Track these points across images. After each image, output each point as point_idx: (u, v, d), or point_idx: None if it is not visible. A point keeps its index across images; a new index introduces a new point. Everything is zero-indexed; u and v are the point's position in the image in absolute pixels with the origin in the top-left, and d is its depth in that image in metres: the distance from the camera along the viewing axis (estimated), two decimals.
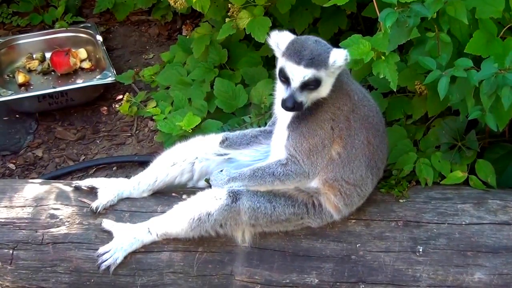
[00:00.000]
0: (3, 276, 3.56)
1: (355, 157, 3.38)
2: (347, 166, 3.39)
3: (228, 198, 3.35)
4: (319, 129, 3.32)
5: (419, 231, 3.54)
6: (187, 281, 3.55)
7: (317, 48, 3.21)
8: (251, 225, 3.43)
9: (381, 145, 3.48)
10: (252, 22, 4.29)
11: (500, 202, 3.64)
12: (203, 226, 3.38)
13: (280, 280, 3.52)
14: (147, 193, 3.74)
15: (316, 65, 3.17)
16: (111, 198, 3.68)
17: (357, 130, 3.36)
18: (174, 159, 3.73)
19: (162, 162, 3.75)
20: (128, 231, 3.52)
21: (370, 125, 3.41)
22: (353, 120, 3.35)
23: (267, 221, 3.42)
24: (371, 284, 3.49)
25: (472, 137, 3.74)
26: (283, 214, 3.42)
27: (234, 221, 3.39)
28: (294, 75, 3.19)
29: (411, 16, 3.19)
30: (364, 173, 3.42)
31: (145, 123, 5.16)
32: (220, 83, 4.57)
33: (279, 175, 3.38)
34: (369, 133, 3.40)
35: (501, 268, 3.44)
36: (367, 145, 3.40)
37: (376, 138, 3.43)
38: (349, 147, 3.36)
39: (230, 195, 3.36)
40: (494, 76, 3.14)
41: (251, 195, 3.39)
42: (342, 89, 3.34)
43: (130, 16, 6.26)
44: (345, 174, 3.39)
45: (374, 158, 3.45)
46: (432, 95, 3.66)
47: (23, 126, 5.18)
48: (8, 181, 4.00)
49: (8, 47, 5.69)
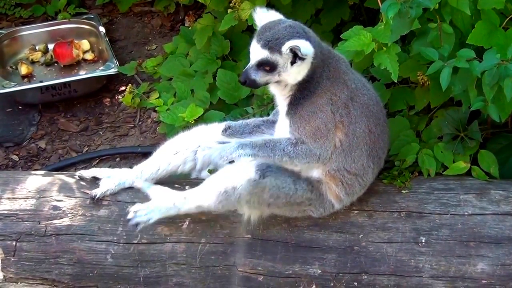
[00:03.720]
0: (7, 267, 3.57)
1: (357, 146, 3.38)
2: (348, 156, 3.38)
3: (256, 174, 3.31)
4: (319, 111, 3.32)
5: (421, 221, 3.54)
6: (190, 272, 3.56)
7: (281, 33, 3.22)
8: (267, 205, 3.41)
9: (382, 135, 3.48)
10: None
11: (503, 192, 3.63)
12: (229, 199, 3.35)
13: (283, 271, 3.52)
14: (150, 182, 3.73)
15: (270, 48, 3.20)
16: (111, 187, 3.69)
17: (357, 118, 3.35)
18: (176, 147, 3.72)
19: (164, 151, 3.75)
20: (168, 196, 3.53)
21: (371, 113, 3.41)
22: (353, 108, 3.35)
23: (284, 202, 3.40)
24: (374, 275, 3.49)
25: (475, 128, 3.73)
26: (300, 198, 3.42)
27: (257, 198, 3.36)
28: (252, 52, 3.27)
29: (413, 7, 3.18)
30: (365, 163, 3.42)
31: (148, 114, 5.16)
32: (223, 74, 4.56)
33: (289, 152, 3.35)
34: (370, 121, 3.40)
35: (503, 259, 3.44)
36: (369, 133, 3.39)
37: (377, 127, 3.43)
38: (351, 135, 3.36)
39: (258, 171, 3.32)
40: (496, 67, 3.13)
41: (278, 173, 3.37)
42: (339, 77, 3.35)
43: (133, 7, 6.24)
44: (347, 163, 3.39)
45: (375, 147, 3.44)
46: (435, 86, 3.65)
47: (26, 117, 5.18)
48: (11, 173, 4.01)
49: (11, 39, 5.69)
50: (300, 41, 3.19)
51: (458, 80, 3.37)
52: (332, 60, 3.38)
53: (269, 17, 3.35)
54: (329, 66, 3.35)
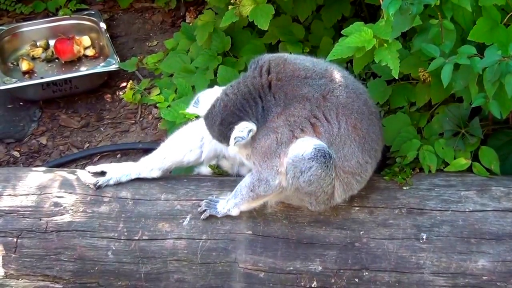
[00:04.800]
0: (8, 264, 3.57)
1: (344, 144, 3.33)
2: (337, 155, 3.35)
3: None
4: (271, 133, 3.33)
5: (422, 218, 3.54)
6: (191, 269, 3.56)
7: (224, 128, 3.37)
8: (315, 195, 3.39)
9: (371, 127, 3.41)
10: (255, 10, 4.27)
11: (504, 189, 3.63)
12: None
13: (284, 268, 3.52)
14: (156, 172, 3.76)
15: (221, 142, 3.48)
16: (114, 176, 3.72)
17: (333, 120, 3.30)
18: (182, 136, 3.76)
19: (170, 140, 3.79)
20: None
21: (350, 111, 3.34)
22: (324, 113, 3.31)
23: (323, 191, 3.37)
24: (375, 271, 3.49)
25: (476, 124, 3.73)
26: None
27: (329, 182, 3.34)
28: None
29: (414, 4, 3.17)
30: (360, 159, 3.37)
31: (149, 111, 5.16)
32: (224, 70, 4.56)
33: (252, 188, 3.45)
34: (350, 118, 3.33)
35: (504, 255, 3.44)
36: (353, 130, 3.33)
37: (362, 121, 3.36)
38: (332, 138, 3.32)
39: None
40: (497, 63, 3.12)
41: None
42: (293, 97, 3.32)
43: (134, 3, 6.23)
44: (340, 162, 3.35)
45: (367, 141, 3.39)
46: (436, 83, 3.65)
47: (27, 113, 5.18)
48: (12, 169, 4.01)
49: (11, 35, 5.68)
50: (240, 130, 3.29)
51: (459, 77, 3.36)
52: (282, 82, 3.35)
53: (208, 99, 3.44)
54: (275, 95, 3.34)
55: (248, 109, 3.32)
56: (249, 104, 3.32)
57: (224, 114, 3.33)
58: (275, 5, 4.40)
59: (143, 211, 3.62)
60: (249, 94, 3.34)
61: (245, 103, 3.32)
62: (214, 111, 3.37)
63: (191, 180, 3.80)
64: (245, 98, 3.33)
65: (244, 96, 3.34)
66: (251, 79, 3.38)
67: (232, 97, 3.35)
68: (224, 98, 3.36)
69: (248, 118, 3.31)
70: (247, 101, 3.33)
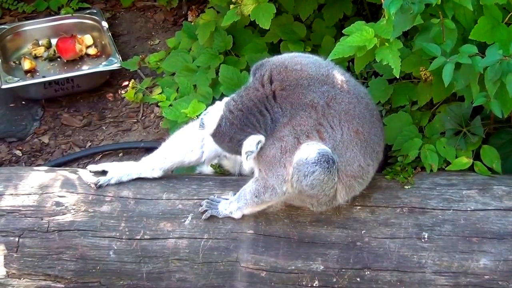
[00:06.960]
0: (9, 263, 3.58)
1: (346, 149, 3.32)
2: (340, 160, 3.35)
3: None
4: (278, 142, 3.33)
5: (424, 217, 3.54)
6: (192, 268, 3.56)
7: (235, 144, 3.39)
8: (317, 198, 3.40)
9: (372, 130, 3.41)
10: (256, 9, 4.27)
11: (506, 188, 3.62)
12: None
13: (285, 267, 3.52)
14: (158, 172, 3.76)
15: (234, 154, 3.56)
16: (116, 175, 3.72)
17: (336, 127, 3.30)
18: (183, 136, 3.76)
19: (171, 140, 3.79)
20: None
21: (352, 116, 3.32)
22: (328, 120, 3.30)
23: (325, 195, 3.38)
24: (377, 271, 3.49)
25: (477, 123, 3.72)
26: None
27: (331, 185, 3.34)
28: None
29: (416, 3, 3.16)
30: (362, 162, 3.37)
31: (151, 109, 5.17)
32: (225, 69, 4.56)
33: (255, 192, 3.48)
34: (352, 124, 3.32)
35: (506, 254, 3.44)
36: (355, 135, 3.33)
37: (364, 125, 3.36)
38: (335, 144, 3.31)
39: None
40: (498, 62, 3.12)
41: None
42: (299, 105, 3.30)
43: (136, 2, 6.25)
44: (342, 167, 3.35)
45: (369, 145, 3.38)
46: (437, 82, 3.65)
47: (29, 112, 5.19)
48: (13, 169, 4.00)
49: (14, 34, 5.70)
50: (250, 145, 3.29)
51: (461, 76, 3.36)
52: (287, 92, 3.33)
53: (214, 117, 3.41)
54: (281, 106, 3.32)
55: (256, 123, 3.29)
56: (256, 118, 3.30)
57: (232, 132, 3.32)
58: (277, 4, 4.39)
59: (145, 210, 3.62)
60: (255, 108, 3.31)
61: (251, 118, 3.30)
62: (221, 130, 3.34)
63: (192, 179, 3.80)
64: (251, 112, 3.30)
65: (250, 111, 3.30)
66: (254, 91, 3.34)
67: (237, 114, 3.31)
68: (229, 116, 3.32)
69: (256, 132, 3.29)
70: (253, 116, 3.30)
